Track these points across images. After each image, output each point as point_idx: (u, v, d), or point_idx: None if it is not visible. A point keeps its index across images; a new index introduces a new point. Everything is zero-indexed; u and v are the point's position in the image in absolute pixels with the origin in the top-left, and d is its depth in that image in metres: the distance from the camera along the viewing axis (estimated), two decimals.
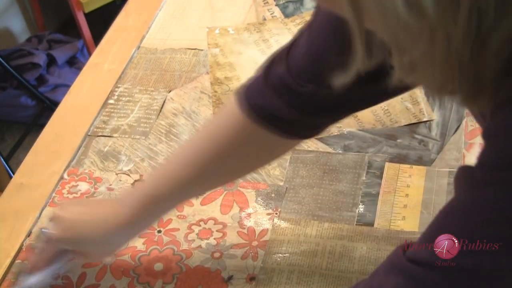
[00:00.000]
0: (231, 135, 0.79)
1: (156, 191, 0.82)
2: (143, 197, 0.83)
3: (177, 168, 0.82)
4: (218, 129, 0.81)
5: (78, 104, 1.20)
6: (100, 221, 0.83)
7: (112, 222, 0.83)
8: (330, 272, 0.89)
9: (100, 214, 0.84)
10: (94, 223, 0.83)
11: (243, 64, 1.24)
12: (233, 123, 0.79)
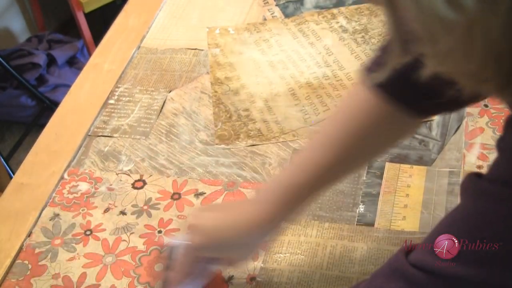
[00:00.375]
0: (362, 116, 0.78)
1: (295, 180, 0.79)
2: (283, 188, 0.79)
3: (315, 156, 0.80)
4: (349, 113, 0.80)
5: (78, 104, 1.20)
6: (241, 222, 0.79)
7: (254, 221, 0.79)
8: (330, 272, 0.89)
9: (239, 216, 0.80)
10: (236, 225, 0.80)
11: (243, 64, 1.24)
12: (362, 104, 0.78)
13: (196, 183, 1.03)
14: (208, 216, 0.82)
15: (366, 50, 1.22)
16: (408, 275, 0.59)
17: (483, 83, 0.50)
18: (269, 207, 0.79)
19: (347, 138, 0.79)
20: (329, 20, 1.30)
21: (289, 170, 0.83)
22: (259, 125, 1.11)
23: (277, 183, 0.82)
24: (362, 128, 0.79)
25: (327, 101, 1.13)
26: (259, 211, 0.79)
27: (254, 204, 0.82)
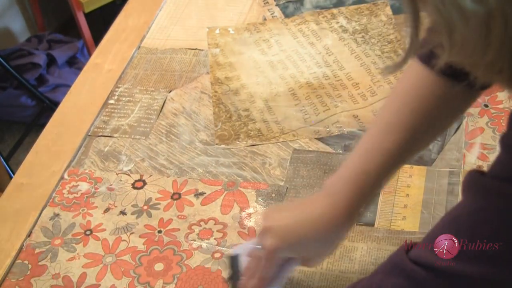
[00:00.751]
0: (425, 95, 0.78)
1: (365, 168, 0.77)
2: (354, 177, 0.77)
3: (383, 141, 0.78)
4: (411, 93, 0.79)
5: (78, 104, 1.20)
6: (317, 218, 0.77)
7: (330, 214, 0.76)
8: (330, 272, 0.89)
9: (313, 211, 0.77)
10: (312, 222, 0.77)
11: (243, 64, 1.24)
12: (422, 83, 0.78)
13: (196, 183, 1.03)
14: (281, 217, 0.79)
15: (366, 50, 1.22)
16: (408, 271, 0.59)
17: (497, 74, 0.51)
18: (343, 198, 0.76)
19: (414, 119, 0.78)
20: (329, 20, 1.30)
21: (356, 158, 0.79)
22: (259, 125, 1.11)
23: (346, 173, 0.78)
24: (427, 107, 0.78)
25: (327, 101, 1.13)
26: (333, 204, 0.76)
27: (326, 198, 0.78)
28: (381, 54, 1.20)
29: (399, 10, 1.29)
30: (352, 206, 0.76)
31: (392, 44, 1.22)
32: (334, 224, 0.76)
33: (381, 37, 1.24)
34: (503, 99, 1.09)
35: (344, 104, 1.12)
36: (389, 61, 1.19)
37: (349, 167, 0.79)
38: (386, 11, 1.30)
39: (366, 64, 1.19)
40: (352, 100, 1.13)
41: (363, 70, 1.18)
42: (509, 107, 1.07)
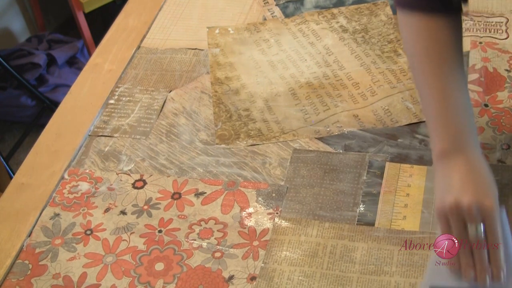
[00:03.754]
0: (439, 38, 0.87)
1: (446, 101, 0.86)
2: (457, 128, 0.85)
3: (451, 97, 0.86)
4: (436, 39, 0.87)
5: (78, 104, 1.20)
6: (479, 168, 0.83)
7: (478, 158, 0.84)
8: (331, 272, 0.89)
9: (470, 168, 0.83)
10: (481, 173, 0.83)
11: (243, 64, 1.24)
12: (429, 31, 0.87)
13: (197, 183, 1.03)
14: (464, 189, 0.81)
15: (366, 50, 1.22)
16: None
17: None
18: (469, 145, 0.84)
19: (452, 62, 0.87)
20: (329, 20, 1.30)
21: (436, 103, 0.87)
22: (259, 125, 1.11)
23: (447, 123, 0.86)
24: (450, 45, 0.87)
25: (327, 100, 1.13)
26: (472, 153, 0.84)
27: (462, 155, 0.84)
28: (381, 54, 1.20)
29: None
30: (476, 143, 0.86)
31: (392, 44, 1.22)
32: (484, 162, 0.84)
33: (381, 37, 1.24)
34: (503, 99, 1.09)
35: (344, 104, 1.13)
36: (389, 61, 1.19)
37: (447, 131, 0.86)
38: (386, 11, 1.30)
39: (366, 64, 1.19)
40: (352, 100, 1.13)
41: (363, 70, 1.18)
42: (509, 107, 1.07)
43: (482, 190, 0.81)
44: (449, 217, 0.81)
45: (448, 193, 0.81)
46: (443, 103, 0.86)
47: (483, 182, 0.82)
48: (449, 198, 0.81)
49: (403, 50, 1.09)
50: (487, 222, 0.80)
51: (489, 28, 1.22)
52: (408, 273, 0.88)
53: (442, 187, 0.84)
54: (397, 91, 1.13)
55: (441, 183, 0.85)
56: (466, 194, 0.80)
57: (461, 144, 0.85)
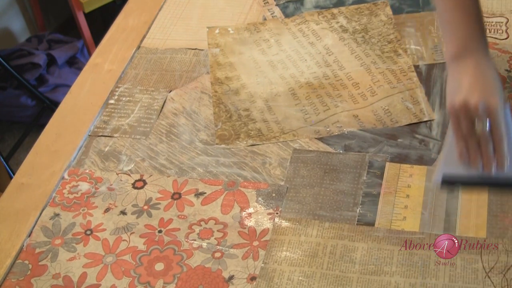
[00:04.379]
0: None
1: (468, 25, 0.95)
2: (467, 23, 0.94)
3: None
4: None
5: (78, 104, 1.20)
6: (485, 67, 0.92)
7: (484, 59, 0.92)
8: (331, 272, 0.89)
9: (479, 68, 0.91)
10: (488, 72, 0.91)
11: (243, 64, 1.24)
12: None
13: (197, 183, 1.03)
14: (472, 88, 0.90)
15: (366, 50, 1.22)
16: None
17: None
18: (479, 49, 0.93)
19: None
20: (329, 20, 1.30)
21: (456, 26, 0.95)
22: (259, 125, 1.11)
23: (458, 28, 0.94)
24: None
25: (327, 101, 1.14)
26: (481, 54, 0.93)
27: (472, 57, 0.92)
28: (381, 54, 1.20)
29: (399, 10, 1.29)
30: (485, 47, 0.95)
31: (392, 44, 1.22)
32: (492, 65, 0.93)
33: (381, 37, 1.24)
34: None
35: (344, 104, 1.13)
36: (389, 61, 1.19)
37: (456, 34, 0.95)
38: (386, 11, 1.30)
39: (366, 64, 1.19)
40: (352, 100, 1.13)
41: (363, 70, 1.18)
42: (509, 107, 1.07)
43: (488, 90, 0.89)
44: (459, 115, 0.90)
45: (458, 93, 0.91)
46: (455, 11, 0.95)
47: (489, 83, 0.90)
48: (458, 98, 0.90)
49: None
50: (492, 118, 0.89)
51: (489, 28, 1.22)
52: (408, 273, 0.88)
53: (453, 88, 0.93)
54: (397, 91, 1.13)
55: (452, 84, 0.94)
56: (474, 94, 0.89)
57: (470, 48, 0.93)
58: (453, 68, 0.95)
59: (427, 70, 1.16)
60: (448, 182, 0.94)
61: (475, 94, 0.89)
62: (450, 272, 0.87)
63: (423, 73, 1.16)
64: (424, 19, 1.26)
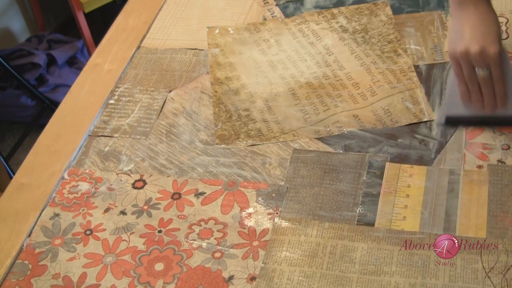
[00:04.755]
0: None
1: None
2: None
3: None
4: None
5: (78, 104, 1.20)
6: (487, 17, 0.98)
7: (484, 8, 0.98)
8: (330, 272, 0.89)
9: (482, 18, 0.98)
10: (490, 21, 0.98)
11: (243, 64, 1.24)
12: None
13: (196, 183, 1.03)
14: (472, 35, 0.96)
15: (366, 50, 1.22)
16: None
17: None
18: None
19: None
20: (329, 20, 1.30)
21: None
22: (259, 125, 1.11)
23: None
24: None
25: (327, 101, 1.13)
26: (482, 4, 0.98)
27: (473, 6, 0.98)
28: (381, 54, 1.20)
29: (399, 10, 1.29)
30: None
31: (392, 44, 1.22)
32: (492, 14, 0.99)
33: (381, 37, 1.24)
34: None
35: (344, 104, 1.13)
36: (389, 61, 1.19)
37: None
38: (386, 11, 1.30)
39: (366, 64, 1.19)
40: (352, 100, 1.13)
41: (363, 70, 1.18)
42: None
43: (488, 38, 0.95)
44: (460, 61, 0.97)
45: (460, 41, 0.97)
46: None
47: (489, 31, 0.96)
48: (460, 46, 0.97)
49: None
50: (492, 65, 0.96)
51: None
52: (408, 273, 0.88)
53: (455, 35, 0.99)
54: (397, 91, 1.13)
55: (454, 32, 1.00)
56: (474, 42, 0.95)
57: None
58: (456, 16, 1.00)
59: (427, 70, 1.16)
60: (451, 122, 1.03)
61: (476, 42, 0.95)
62: (450, 272, 0.87)
63: (423, 73, 1.16)
64: (424, 19, 1.26)
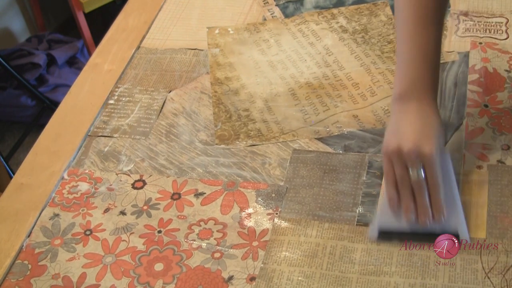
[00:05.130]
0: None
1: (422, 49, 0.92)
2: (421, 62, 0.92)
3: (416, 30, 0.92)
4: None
5: (78, 104, 1.20)
6: (431, 115, 0.90)
7: (432, 108, 0.91)
8: (330, 272, 0.89)
9: (425, 116, 0.90)
10: (432, 120, 0.90)
11: (243, 64, 1.24)
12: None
13: (196, 183, 1.03)
14: (409, 135, 0.88)
15: (366, 50, 1.22)
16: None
17: None
18: (427, 93, 0.91)
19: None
20: (329, 20, 1.30)
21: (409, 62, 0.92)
22: (259, 125, 1.11)
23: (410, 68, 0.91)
24: None
25: (327, 101, 1.13)
26: (427, 102, 0.90)
27: (419, 104, 0.90)
28: (381, 54, 1.20)
29: None
30: (434, 93, 0.92)
31: (392, 44, 1.22)
32: (435, 111, 0.91)
33: (381, 37, 1.24)
34: (503, 99, 1.09)
35: (344, 104, 1.12)
36: (389, 61, 1.19)
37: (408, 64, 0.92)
38: (386, 11, 1.30)
39: (366, 64, 1.19)
40: (352, 100, 1.13)
41: (363, 70, 1.18)
42: (509, 107, 1.07)
43: (424, 138, 0.87)
44: (392, 160, 0.89)
45: (394, 137, 0.89)
46: (412, 50, 0.92)
47: (427, 130, 0.88)
48: (393, 142, 0.89)
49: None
50: (426, 167, 0.87)
51: (489, 29, 1.22)
52: (408, 274, 0.88)
53: (391, 130, 0.91)
54: None
55: (391, 126, 0.92)
56: (408, 140, 0.87)
57: (418, 89, 0.91)
58: (395, 109, 0.92)
59: None
60: (384, 236, 0.91)
61: (409, 141, 0.87)
62: (449, 272, 0.87)
63: None
64: None
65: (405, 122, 0.89)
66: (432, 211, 0.88)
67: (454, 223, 0.89)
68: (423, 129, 0.88)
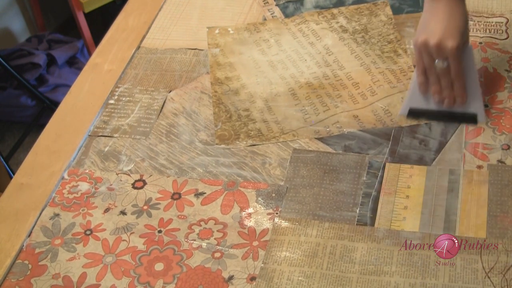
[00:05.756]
0: None
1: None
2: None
3: None
4: None
5: (78, 104, 1.20)
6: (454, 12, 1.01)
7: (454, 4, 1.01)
8: (330, 272, 0.89)
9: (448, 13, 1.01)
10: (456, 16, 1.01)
11: (243, 64, 1.24)
12: None
13: (196, 183, 1.03)
14: (436, 29, 1.00)
15: (366, 50, 1.22)
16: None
17: None
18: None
19: None
20: (329, 20, 1.30)
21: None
22: (259, 125, 1.11)
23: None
24: None
25: (327, 101, 1.14)
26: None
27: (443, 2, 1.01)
28: (381, 54, 1.20)
29: (399, 10, 1.29)
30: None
31: (392, 44, 1.22)
32: (462, 9, 1.02)
33: (381, 37, 1.24)
34: (503, 99, 1.09)
35: (344, 104, 1.13)
36: (389, 61, 1.19)
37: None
38: (386, 11, 1.30)
39: (366, 64, 1.19)
40: (352, 100, 1.13)
41: (363, 70, 1.18)
42: (509, 107, 1.07)
43: (448, 34, 0.99)
44: (421, 51, 1.02)
45: (423, 32, 1.02)
46: None
47: (452, 27, 1.00)
48: (422, 37, 1.01)
49: None
50: (450, 59, 1.00)
51: (489, 28, 1.22)
52: (408, 273, 0.88)
53: (421, 26, 1.03)
54: (397, 91, 1.13)
55: (422, 23, 1.04)
56: (434, 36, 1.00)
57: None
58: (427, 7, 1.04)
59: None
60: (414, 114, 1.06)
61: (435, 35, 0.99)
62: (450, 272, 0.87)
63: None
64: None
65: (434, 19, 1.01)
66: (455, 95, 1.03)
67: (473, 107, 1.04)
68: (448, 26, 0.99)
